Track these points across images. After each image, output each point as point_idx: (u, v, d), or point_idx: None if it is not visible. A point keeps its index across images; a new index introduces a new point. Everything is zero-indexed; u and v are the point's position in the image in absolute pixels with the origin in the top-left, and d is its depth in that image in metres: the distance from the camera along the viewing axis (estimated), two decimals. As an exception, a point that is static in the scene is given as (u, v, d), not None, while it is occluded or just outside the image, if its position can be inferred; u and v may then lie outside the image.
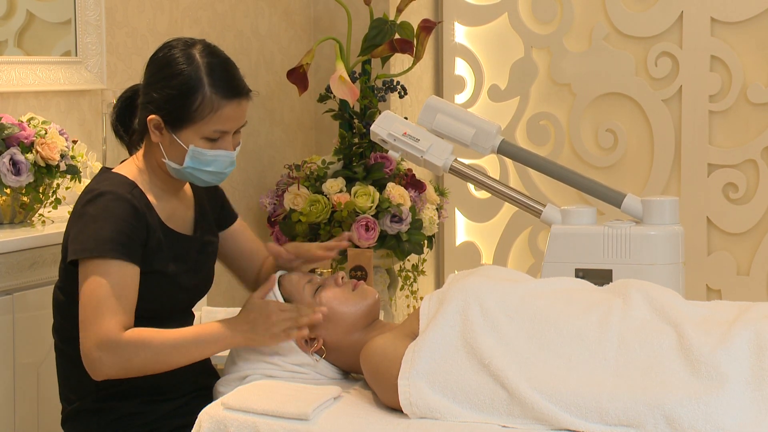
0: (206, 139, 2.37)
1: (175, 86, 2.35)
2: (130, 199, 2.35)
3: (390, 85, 3.94)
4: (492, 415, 2.15)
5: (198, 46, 2.40)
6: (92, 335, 2.25)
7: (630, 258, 2.74)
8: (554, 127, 4.42)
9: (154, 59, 2.42)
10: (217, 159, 2.39)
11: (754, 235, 4.16)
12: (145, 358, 2.27)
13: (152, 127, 2.38)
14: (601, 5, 4.32)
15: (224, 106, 2.36)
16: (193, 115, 2.35)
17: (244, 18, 4.02)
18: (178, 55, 2.38)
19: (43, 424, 2.70)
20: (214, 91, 2.35)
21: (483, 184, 2.94)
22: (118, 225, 2.30)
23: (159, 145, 2.40)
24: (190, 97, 2.34)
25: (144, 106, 2.40)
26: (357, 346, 2.40)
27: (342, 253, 3.71)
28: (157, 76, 2.39)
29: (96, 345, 2.25)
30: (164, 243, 2.40)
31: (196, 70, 2.36)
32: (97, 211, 2.32)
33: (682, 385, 2.09)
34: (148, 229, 2.36)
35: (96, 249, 2.28)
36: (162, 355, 2.28)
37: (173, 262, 2.42)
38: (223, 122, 2.37)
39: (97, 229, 2.30)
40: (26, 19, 3.20)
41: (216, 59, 2.40)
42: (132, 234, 2.32)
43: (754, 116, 4.13)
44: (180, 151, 2.38)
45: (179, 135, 2.37)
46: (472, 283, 2.34)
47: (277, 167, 4.19)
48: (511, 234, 4.50)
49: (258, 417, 2.20)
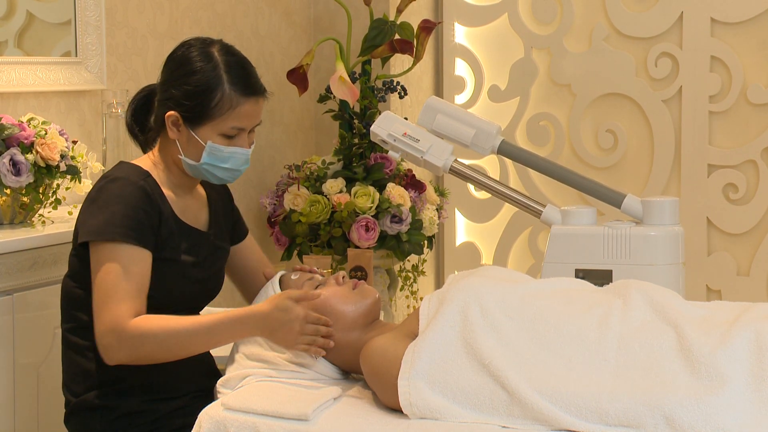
0: (223, 136, 2.42)
1: (195, 83, 2.39)
2: (143, 185, 2.38)
3: (390, 86, 3.94)
4: (492, 416, 2.15)
5: (216, 45, 2.46)
6: (103, 321, 2.28)
7: (630, 258, 2.74)
8: (554, 128, 4.42)
9: (173, 57, 2.46)
10: (234, 156, 2.43)
11: (754, 236, 4.17)
12: (155, 346, 2.29)
13: (170, 124, 2.42)
14: (601, 6, 4.32)
15: (243, 103, 2.41)
16: (212, 112, 2.39)
17: (244, 18, 4.02)
18: (197, 54, 2.42)
19: (43, 424, 2.70)
20: (233, 89, 2.40)
21: (483, 185, 2.94)
22: (129, 210, 2.33)
23: (176, 142, 2.43)
24: (210, 93, 2.39)
25: (162, 103, 2.44)
26: (357, 345, 2.40)
27: (342, 253, 3.72)
28: (177, 74, 2.42)
29: (107, 330, 2.28)
30: (176, 233, 2.43)
31: (216, 67, 2.40)
32: (110, 196, 2.35)
33: (682, 386, 2.09)
34: (161, 216, 2.39)
35: (107, 232, 2.31)
36: (172, 343, 2.30)
37: (185, 254, 2.44)
38: (241, 119, 2.42)
39: (109, 213, 2.33)
40: (26, 19, 3.20)
41: (234, 58, 2.45)
42: (144, 219, 2.35)
43: (754, 117, 4.13)
44: (197, 148, 2.42)
45: (197, 131, 2.41)
46: (472, 283, 2.34)
47: (277, 167, 4.19)
48: (511, 234, 4.50)
49: (258, 417, 2.20)
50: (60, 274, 2.67)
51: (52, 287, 2.68)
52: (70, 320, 2.45)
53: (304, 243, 3.75)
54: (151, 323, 2.29)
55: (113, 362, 2.30)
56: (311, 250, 3.76)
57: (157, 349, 2.29)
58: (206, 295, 2.56)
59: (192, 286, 2.48)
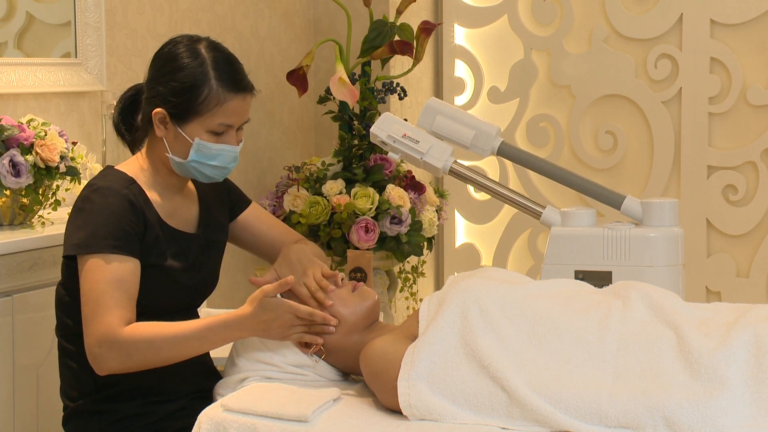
0: (211, 133, 2.40)
1: (181, 79, 2.37)
2: (126, 194, 2.36)
3: (390, 87, 3.94)
4: (491, 417, 2.15)
5: (203, 42, 2.43)
6: (94, 332, 2.27)
7: (629, 260, 2.74)
8: (554, 129, 4.42)
9: (160, 54, 2.44)
10: (222, 153, 2.41)
11: (753, 237, 4.16)
12: (147, 353, 2.27)
13: (157, 121, 2.40)
14: (600, 7, 4.32)
15: (230, 99, 2.39)
16: (198, 108, 2.37)
17: (243, 20, 4.02)
18: (184, 50, 2.41)
19: (42, 425, 2.70)
20: (220, 85, 2.38)
21: (483, 186, 2.94)
22: (114, 219, 2.32)
23: (163, 140, 2.41)
24: (197, 89, 2.37)
25: (149, 100, 2.42)
26: (357, 347, 2.40)
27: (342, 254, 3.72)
28: (163, 70, 2.41)
29: (97, 341, 2.26)
30: (162, 239, 2.41)
31: (202, 63, 2.38)
32: (93, 207, 2.34)
33: (681, 388, 2.09)
34: (146, 223, 2.37)
35: (93, 245, 2.30)
36: (164, 349, 2.28)
37: (172, 259, 2.42)
38: (229, 116, 2.40)
39: (93, 225, 2.31)
40: (26, 20, 3.20)
41: (221, 54, 2.43)
42: (128, 228, 2.33)
43: (754, 118, 4.13)
44: (185, 145, 2.40)
45: (184, 128, 2.39)
46: (471, 284, 2.34)
47: (277, 169, 4.19)
48: (510, 236, 4.50)
49: (257, 419, 2.20)
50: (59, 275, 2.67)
51: (51, 288, 2.67)
52: (62, 327, 2.46)
53: (303, 244, 3.75)
54: (143, 330, 2.27)
55: (104, 372, 2.29)
56: (311, 251, 3.76)
57: (149, 355, 2.28)
58: (199, 297, 2.55)
59: (182, 291, 2.47)
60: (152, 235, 2.38)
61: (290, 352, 2.42)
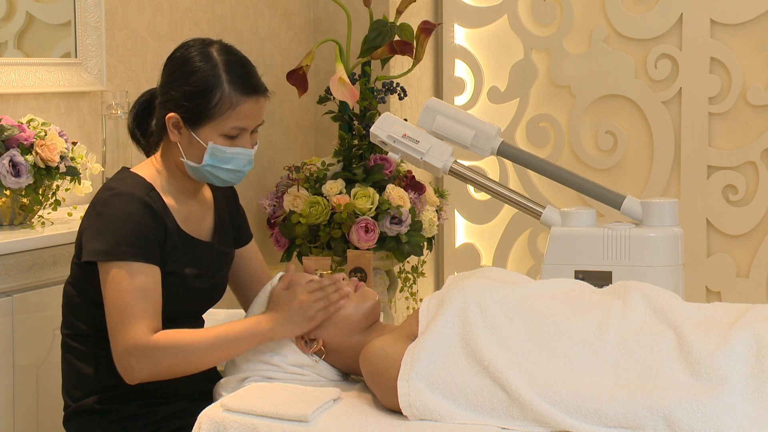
0: (225, 137, 2.39)
1: (194, 83, 2.37)
2: (147, 201, 2.36)
3: (390, 87, 3.94)
4: (491, 417, 2.15)
5: (215, 45, 2.43)
6: (122, 342, 2.27)
7: (629, 260, 2.74)
8: (554, 129, 4.42)
9: (172, 59, 2.44)
10: (236, 157, 2.41)
11: (753, 237, 4.17)
12: (176, 361, 2.29)
13: (171, 126, 2.40)
14: (600, 7, 4.32)
15: (243, 102, 2.38)
16: (212, 112, 2.37)
17: (243, 20, 4.02)
18: (196, 54, 2.40)
19: (42, 425, 2.70)
20: (233, 88, 2.37)
21: (483, 186, 2.94)
22: (136, 227, 2.32)
23: (177, 144, 2.41)
24: (209, 93, 2.36)
25: (162, 105, 2.42)
26: (357, 347, 2.40)
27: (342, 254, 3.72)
28: (176, 75, 2.40)
29: (126, 351, 2.27)
30: (180, 246, 2.41)
31: (215, 67, 2.38)
32: (114, 212, 2.33)
33: (681, 387, 2.09)
34: (166, 231, 2.38)
35: (116, 252, 2.30)
36: (193, 356, 2.30)
37: (187, 266, 2.42)
38: (242, 119, 2.39)
39: (116, 232, 2.31)
40: (26, 20, 3.20)
41: (233, 57, 2.42)
42: (150, 235, 2.33)
43: (754, 118, 4.13)
44: (199, 149, 2.40)
45: (198, 132, 2.38)
46: (471, 284, 2.34)
47: (277, 169, 4.19)
48: (510, 236, 4.50)
49: (257, 419, 2.20)
50: (59, 275, 2.67)
51: (51, 288, 2.68)
52: (69, 326, 2.45)
53: (303, 244, 3.75)
54: (172, 338, 2.29)
55: (135, 381, 2.30)
56: (311, 251, 3.76)
57: (180, 362, 2.29)
58: (208, 303, 2.56)
59: (194, 296, 2.47)
60: (171, 243, 2.39)
61: (290, 352, 2.42)
